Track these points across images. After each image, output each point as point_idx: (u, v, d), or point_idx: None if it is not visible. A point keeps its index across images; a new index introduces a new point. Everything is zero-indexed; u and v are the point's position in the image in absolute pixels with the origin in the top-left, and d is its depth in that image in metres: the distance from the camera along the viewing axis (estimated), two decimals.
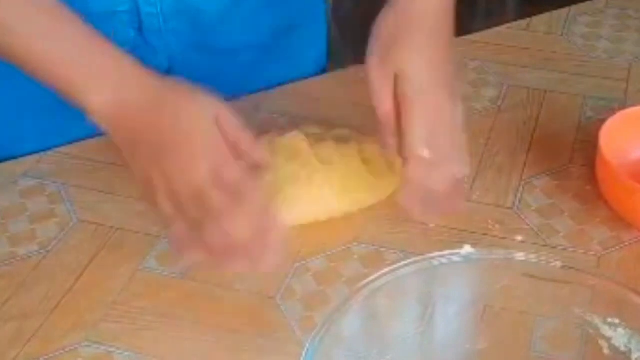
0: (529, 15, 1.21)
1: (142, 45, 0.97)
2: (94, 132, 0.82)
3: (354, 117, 0.96)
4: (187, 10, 0.97)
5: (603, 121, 0.89)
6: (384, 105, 0.79)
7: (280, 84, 1.06)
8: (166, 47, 0.99)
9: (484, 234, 0.86)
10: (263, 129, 0.88)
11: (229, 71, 1.03)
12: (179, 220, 0.72)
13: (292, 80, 1.06)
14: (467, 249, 0.70)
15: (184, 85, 0.75)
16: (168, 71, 1.02)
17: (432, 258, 0.69)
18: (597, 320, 0.68)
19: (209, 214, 0.70)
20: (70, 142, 0.97)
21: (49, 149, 0.97)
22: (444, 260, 0.69)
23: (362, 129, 0.92)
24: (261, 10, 1.02)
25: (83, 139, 0.97)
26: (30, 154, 0.96)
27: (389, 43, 0.79)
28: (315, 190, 0.85)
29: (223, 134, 0.72)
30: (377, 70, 0.79)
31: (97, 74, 0.74)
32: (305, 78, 1.08)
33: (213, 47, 1.02)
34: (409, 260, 0.68)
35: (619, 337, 0.67)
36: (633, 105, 0.94)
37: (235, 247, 0.71)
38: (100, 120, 0.74)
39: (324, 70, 1.15)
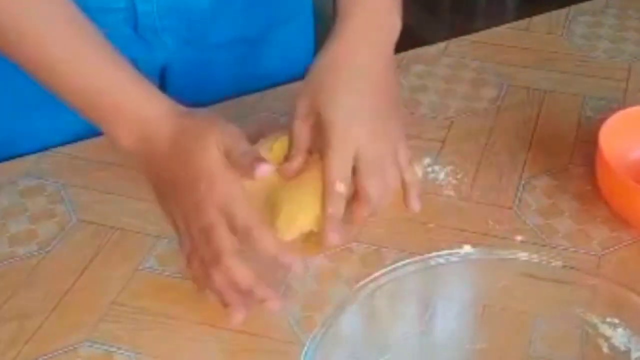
0: (529, 15, 1.21)
1: (137, 42, 0.98)
2: (94, 132, 0.82)
3: None
4: (181, 7, 0.97)
5: (603, 121, 0.89)
6: (300, 152, 0.80)
7: (273, 79, 1.06)
8: (161, 44, 1.00)
9: (484, 234, 0.86)
10: (263, 128, 0.88)
11: (222, 66, 1.04)
12: (195, 258, 0.75)
13: (285, 74, 1.05)
14: (467, 249, 0.70)
15: (202, 117, 0.76)
16: (163, 67, 1.03)
17: (432, 258, 0.69)
18: (596, 320, 0.68)
19: (216, 253, 0.72)
20: (70, 142, 0.97)
21: (48, 149, 0.97)
22: (443, 260, 0.69)
23: None
24: (251, 5, 1.03)
25: (83, 139, 0.97)
26: (30, 154, 0.96)
27: (316, 88, 0.80)
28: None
29: (233, 164, 0.73)
30: (301, 113, 0.80)
31: (123, 114, 0.76)
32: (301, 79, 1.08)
33: (206, 42, 1.03)
34: (409, 260, 0.68)
35: (619, 336, 0.67)
36: (633, 105, 0.94)
37: (240, 291, 0.73)
38: (131, 157, 0.77)
39: None
